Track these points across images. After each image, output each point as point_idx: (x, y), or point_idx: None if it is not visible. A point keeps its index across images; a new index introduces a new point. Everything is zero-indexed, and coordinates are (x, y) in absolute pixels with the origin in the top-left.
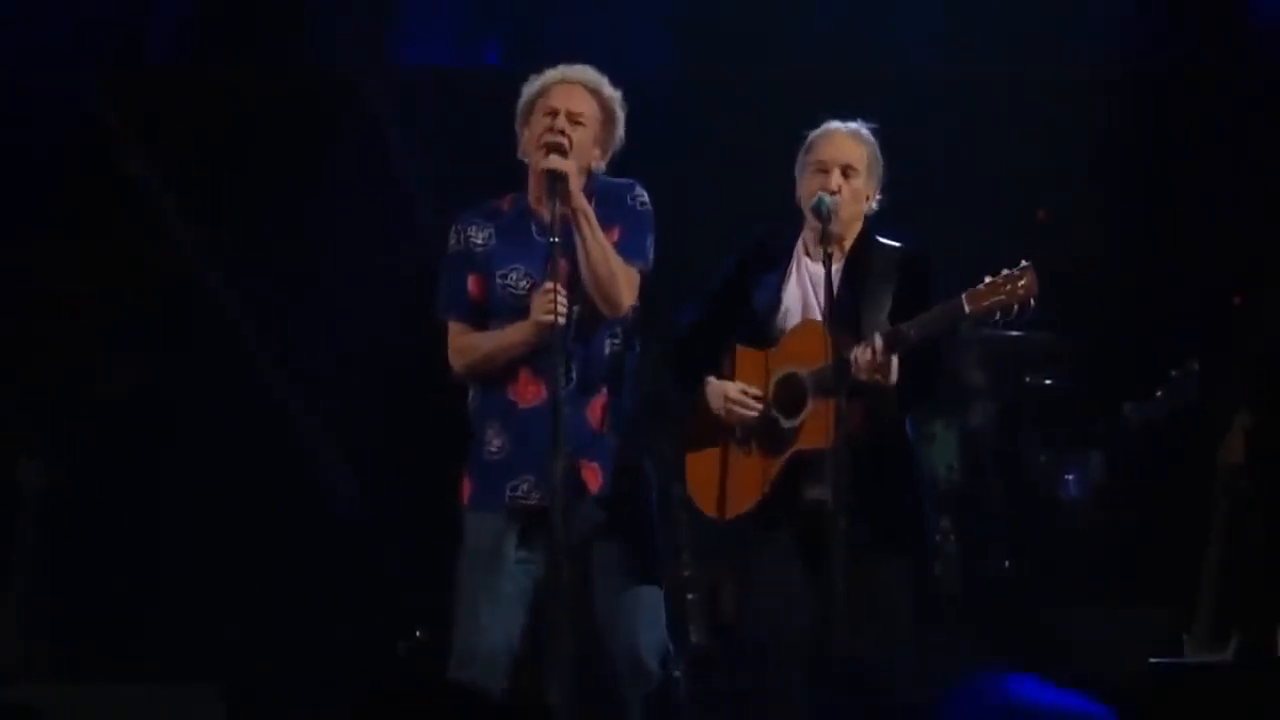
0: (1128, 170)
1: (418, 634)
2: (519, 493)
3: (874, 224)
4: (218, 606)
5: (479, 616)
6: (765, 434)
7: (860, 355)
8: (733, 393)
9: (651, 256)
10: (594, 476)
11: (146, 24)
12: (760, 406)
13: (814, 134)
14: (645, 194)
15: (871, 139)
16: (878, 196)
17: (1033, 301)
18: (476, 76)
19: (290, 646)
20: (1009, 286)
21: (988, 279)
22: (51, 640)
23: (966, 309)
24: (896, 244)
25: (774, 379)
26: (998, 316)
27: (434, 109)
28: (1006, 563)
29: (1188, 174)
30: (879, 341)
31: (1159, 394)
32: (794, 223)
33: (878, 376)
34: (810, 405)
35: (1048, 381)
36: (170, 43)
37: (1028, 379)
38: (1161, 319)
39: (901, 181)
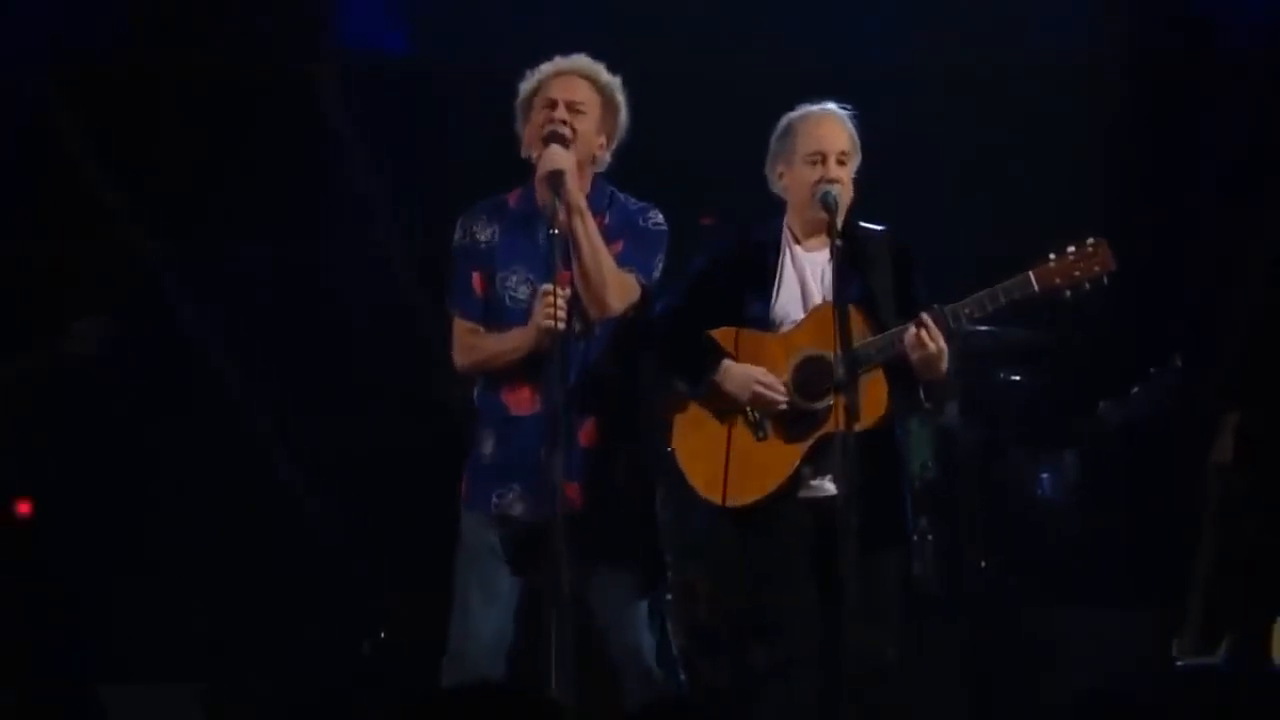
0: (1106, 163)
1: (382, 634)
2: (504, 500)
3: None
4: (190, 608)
5: (471, 615)
6: (786, 418)
7: (912, 335)
8: (762, 376)
9: (656, 275)
10: (576, 496)
11: (91, 17)
12: (785, 391)
13: (792, 118)
14: (661, 217)
15: (850, 122)
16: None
17: (1106, 279)
18: (417, 64)
19: (256, 647)
20: (1082, 263)
21: (1053, 255)
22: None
23: (1036, 287)
24: (879, 228)
25: (791, 362)
26: (1068, 294)
27: (380, 96)
28: (983, 563)
29: (1167, 165)
30: (929, 320)
31: (1136, 391)
32: (773, 212)
33: (931, 358)
34: None
35: (1018, 379)
36: (116, 36)
37: (1002, 376)
38: (1140, 315)
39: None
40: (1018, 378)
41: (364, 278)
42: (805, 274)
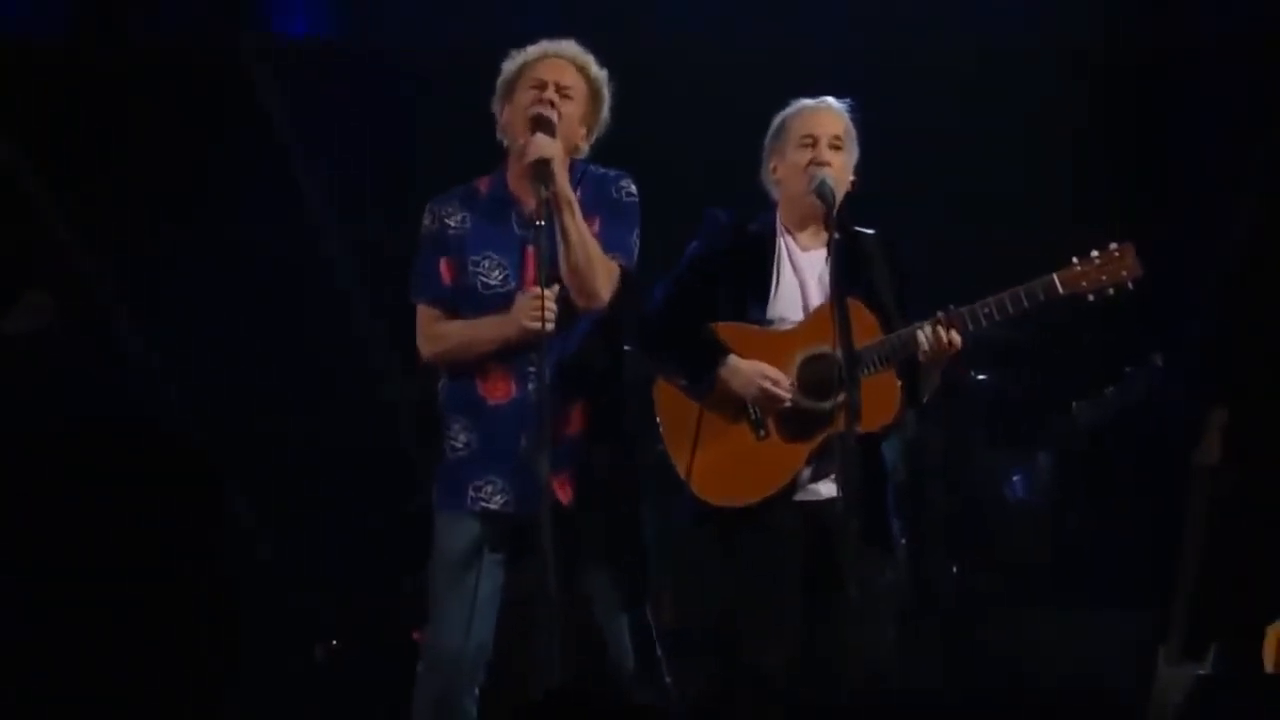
0: (1087, 155)
1: (334, 641)
2: (482, 494)
3: None
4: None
5: (449, 624)
6: (788, 417)
7: (934, 336)
8: (769, 373)
9: (635, 252)
10: (564, 489)
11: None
12: (791, 389)
13: (787, 113)
14: (633, 185)
15: (847, 114)
16: (851, 178)
17: (1132, 284)
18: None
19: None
20: (1109, 266)
21: (1077, 259)
22: None
23: (1060, 290)
24: (869, 230)
25: (796, 360)
26: (1091, 298)
27: (307, 81)
28: (954, 568)
29: (1149, 158)
30: (950, 322)
31: (1110, 391)
32: (764, 206)
33: (944, 360)
34: None
35: (985, 378)
36: (38, 17)
37: (972, 375)
38: (1115, 312)
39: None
40: (984, 377)
41: (305, 271)
42: (805, 273)
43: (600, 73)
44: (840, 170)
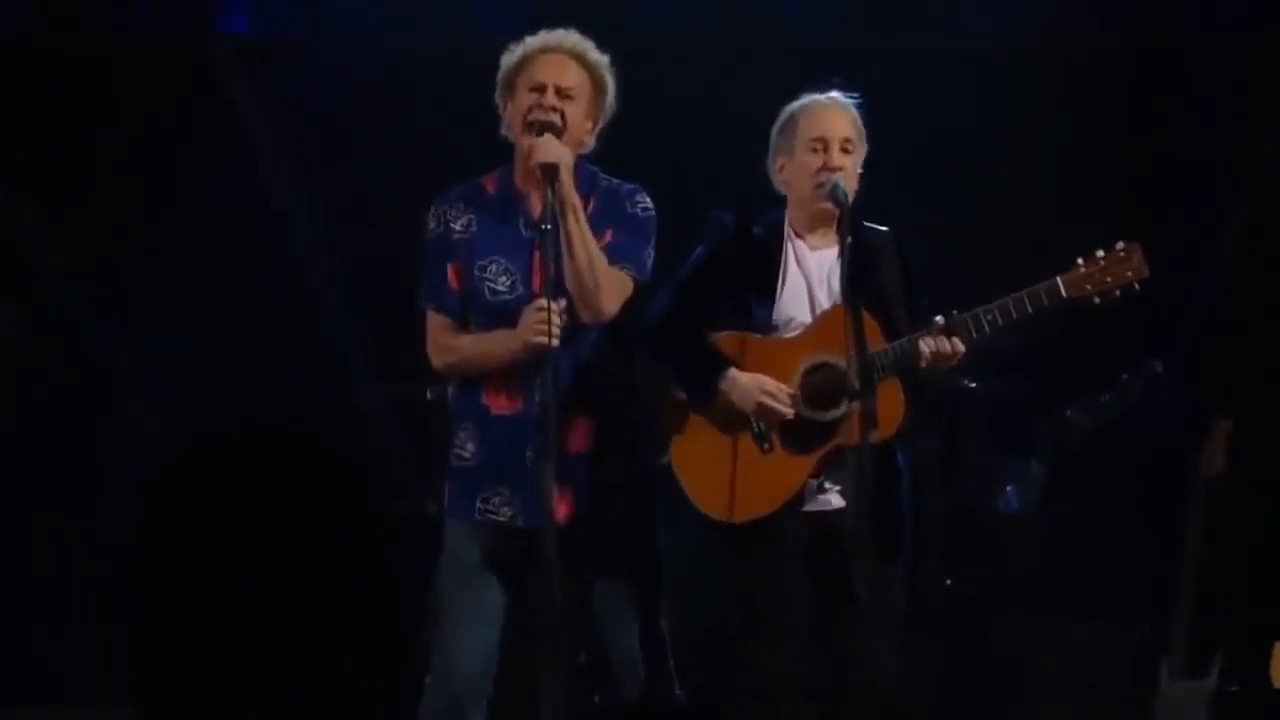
0: (1077, 154)
1: None
2: (490, 505)
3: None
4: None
5: (456, 633)
6: (793, 429)
7: (936, 344)
8: (768, 386)
9: (649, 266)
10: (565, 504)
11: None
12: (792, 401)
13: (794, 108)
14: (649, 200)
15: (855, 110)
16: (858, 172)
17: (1138, 286)
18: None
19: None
20: (1115, 268)
21: (1082, 261)
22: None
23: (1065, 293)
24: (883, 228)
25: (800, 369)
26: (1097, 301)
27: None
28: (949, 580)
29: (1141, 158)
30: (953, 329)
31: (1105, 398)
32: (770, 205)
33: (947, 369)
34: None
35: (975, 385)
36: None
37: (965, 381)
38: (1109, 316)
39: None
40: (976, 385)
41: (275, 272)
42: (811, 274)
43: (600, 59)
44: (851, 172)
